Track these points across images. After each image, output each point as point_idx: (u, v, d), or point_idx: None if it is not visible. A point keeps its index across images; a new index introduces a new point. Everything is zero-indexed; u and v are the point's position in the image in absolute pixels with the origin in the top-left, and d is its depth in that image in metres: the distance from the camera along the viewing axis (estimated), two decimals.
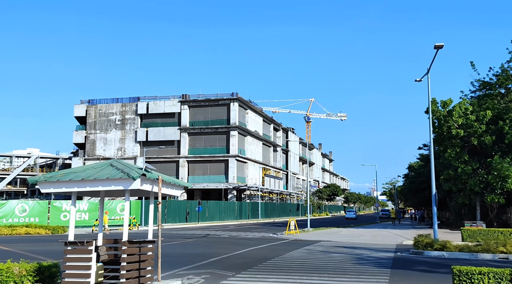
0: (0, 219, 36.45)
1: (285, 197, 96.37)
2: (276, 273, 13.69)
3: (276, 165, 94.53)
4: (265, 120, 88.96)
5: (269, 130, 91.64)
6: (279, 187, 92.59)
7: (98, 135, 77.23)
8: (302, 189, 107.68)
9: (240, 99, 73.59)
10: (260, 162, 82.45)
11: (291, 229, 32.70)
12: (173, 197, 47.74)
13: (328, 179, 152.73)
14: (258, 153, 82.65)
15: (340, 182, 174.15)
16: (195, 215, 51.21)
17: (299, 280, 12.46)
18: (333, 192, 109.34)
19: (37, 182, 9.26)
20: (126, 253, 9.04)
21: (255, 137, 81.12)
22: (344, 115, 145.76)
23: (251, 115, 79.67)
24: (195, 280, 12.28)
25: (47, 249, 20.90)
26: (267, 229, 40.02)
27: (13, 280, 9.36)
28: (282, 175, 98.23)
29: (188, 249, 21.43)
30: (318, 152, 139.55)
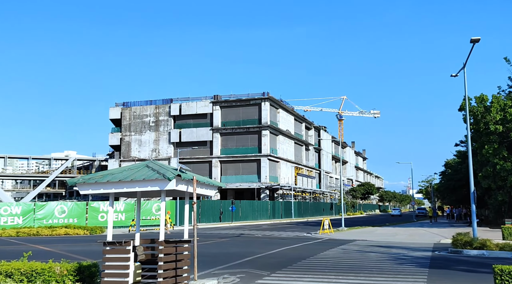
0: (41, 220, 37.51)
1: (318, 196, 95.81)
2: (311, 272, 13.62)
3: (309, 163, 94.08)
4: (297, 119, 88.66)
5: (301, 129, 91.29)
6: (312, 186, 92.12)
7: (133, 137, 78.63)
8: (335, 188, 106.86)
9: (271, 99, 73.58)
10: (292, 161, 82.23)
11: (325, 228, 32.48)
12: (207, 197, 48.09)
13: (362, 177, 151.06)
14: (290, 152, 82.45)
15: (375, 180, 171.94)
16: (228, 215, 51.51)
17: (335, 279, 12.36)
18: (367, 190, 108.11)
19: (76, 184, 9.49)
20: (163, 253, 9.16)
21: (287, 137, 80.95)
22: (377, 112, 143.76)
23: (283, 114, 79.55)
24: (230, 279, 12.35)
25: (86, 249, 21.39)
26: (300, 228, 39.87)
27: (55, 279, 9.64)
28: (315, 173, 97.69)
29: (223, 249, 21.56)
30: (351, 150, 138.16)
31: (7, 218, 36.63)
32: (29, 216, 37.31)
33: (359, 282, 11.97)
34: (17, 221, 36.68)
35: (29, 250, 16.55)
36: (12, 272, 9.63)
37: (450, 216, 67.40)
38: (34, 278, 9.58)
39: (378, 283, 11.93)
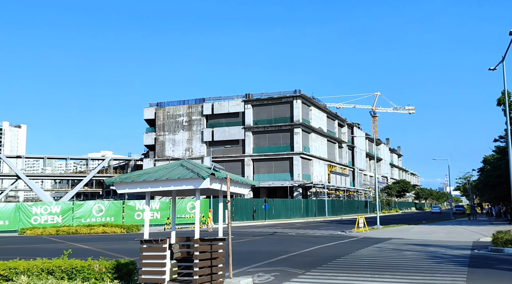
0: (79, 219, 38.51)
1: (352, 194, 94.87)
2: (346, 271, 13.50)
3: (342, 161, 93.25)
4: (329, 116, 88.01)
5: (334, 127, 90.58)
6: (346, 184, 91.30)
7: (167, 137, 79.74)
8: (369, 186, 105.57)
9: (303, 96, 73.28)
10: (325, 158, 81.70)
11: (360, 227, 32.12)
12: (240, 195, 48.32)
13: (397, 174, 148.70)
14: (323, 149, 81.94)
15: (410, 177, 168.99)
16: (261, 213, 51.61)
17: (370, 278, 12.22)
18: (403, 188, 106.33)
19: (114, 183, 9.69)
20: (198, 251, 9.26)
21: (320, 134, 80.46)
22: (412, 108, 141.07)
23: (315, 112, 79.11)
24: (265, 278, 12.37)
25: (123, 247, 21.82)
26: (334, 227, 39.58)
27: (94, 276, 9.88)
28: (349, 171, 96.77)
29: (257, 247, 21.62)
30: (386, 147, 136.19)
31: (47, 216, 37.77)
32: (68, 215, 38.37)
33: (395, 281, 11.80)
34: (56, 220, 37.77)
35: (68, 248, 17.02)
36: (53, 270, 9.93)
37: (489, 213, 65.61)
38: (74, 275, 9.86)
39: (415, 282, 11.73)
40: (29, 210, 37.55)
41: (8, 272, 9.80)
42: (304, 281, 11.87)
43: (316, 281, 11.95)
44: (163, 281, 9.20)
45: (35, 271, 9.86)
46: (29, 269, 9.88)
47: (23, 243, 26.00)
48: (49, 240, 28.32)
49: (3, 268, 9.84)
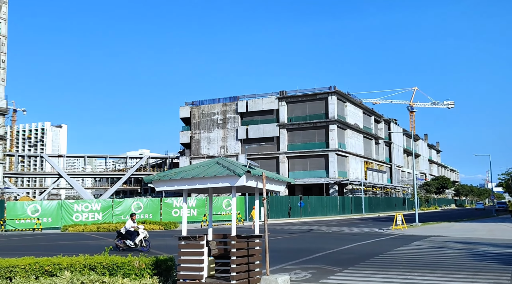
0: (118, 216, 39.29)
1: (390, 191, 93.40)
2: (385, 269, 13.32)
3: (379, 158, 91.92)
4: (365, 112, 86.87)
5: (370, 123, 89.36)
6: (383, 180, 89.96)
7: (202, 135, 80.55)
8: (407, 183, 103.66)
9: (338, 92, 72.59)
10: (361, 155, 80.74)
11: (398, 224, 31.58)
12: (276, 192, 48.32)
13: (436, 171, 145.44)
14: (359, 146, 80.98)
15: (450, 173, 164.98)
16: (297, 210, 51.46)
17: (410, 276, 12.01)
18: (442, 184, 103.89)
19: (152, 181, 9.87)
20: (235, 248, 9.32)
21: (355, 131, 79.55)
22: (451, 103, 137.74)
23: (350, 108, 78.26)
24: (302, 275, 12.35)
25: (161, 244, 22.18)
26: (372, 224, 39.09)
27: (134, 272, 10.09)
28: (386, 168, 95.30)
29: (293, 244, 21.58)
30: (424, 143, 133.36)
31: (88, 214, 38.74)
32: (108, 212, 39.22)
33: (435, 280, 11.56)
34: (97, 217, 38.67)
35: (109, 244, 17.43)
36: (95, 266, 10.20)
37: None
38: (115, 271, 10.09)
39: (456, 280, 11.46)
40: (70, 208, 38.60)
41: (52, 267, 10.13)
42: (342, 279, 11.79)
43: (354, 278, 11.85)
44: (201, 277, 9.30)
45: (78, 267, 10.15)
46: (72, 265, 10.18)
47: (65, 240, 26.78)
48: (90, 236, 29.05)
49: (47, 264, 10.18)
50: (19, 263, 10.21)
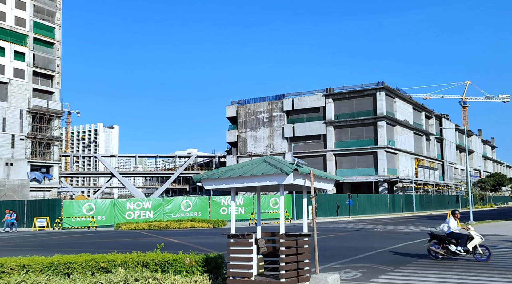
0: (169, 214, 40.18)
1: (442, 189, 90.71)
2: (438, 268, 12.96)
3: (430, 154, 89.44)
4: (415, 108, 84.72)
5: (420, 119, 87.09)
6: (435, 178, 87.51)
7: (248, 134, 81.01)
8: (460, 180, 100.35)
9: (386, 88, 71.16)
10: (411, 152, 78.82)
11: None
12: (323, 190, 47.97)
13: (491, 167, 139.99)
14: (409, 142, 79.09)
15: (506, 170, 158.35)
16: (345, 209, 50.87)
17: (465, 276, 11.63)
18: (498, 181, 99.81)
19: (201, 180, 10.01)
20: (284, 246, 9.32)
21: (405, 127, 77.75)
22: (506, 96, 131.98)
23: (399, 103, 76.54)
24: (352, 274, 12.21)
25: (210, 241, 22.48)
26: (423, 223, 38.06)
27: (185, 269, 10.29)
28: (437, 165, 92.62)
29: (342, 243, 21.37)
30: (478, 139, 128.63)
31: (140, 212, 39.81)
32: (158, 210, 40.17)
33: (492, 280, 11.14)
34: (148, 215, 39.68)
35: (160, 242, 17.83)
36: (147, 262, 10.48)
37: None
38: (167, 268, 10.33)
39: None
40: (123, 206, 39.79)
41: (107, 264, 10.50)
42: (393, 278, 11.57)
43: (406, 278, 11.60)
44: (250, 275, 9.37)
45: (131, 264, 10.46)
46: (125, 261, 10.50)
47: (119, 237, 27.64)
48: (142, 234, 29.82)
49: (102, 261, 10.55)
50: (76, 259, 10.64)
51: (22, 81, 71.34)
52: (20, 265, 10.65)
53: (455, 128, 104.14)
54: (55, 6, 77.59)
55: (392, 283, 11.01)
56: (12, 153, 69.38)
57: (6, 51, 69.75)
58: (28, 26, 72.81)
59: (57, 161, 76.17)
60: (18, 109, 70.40)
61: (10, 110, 69.36)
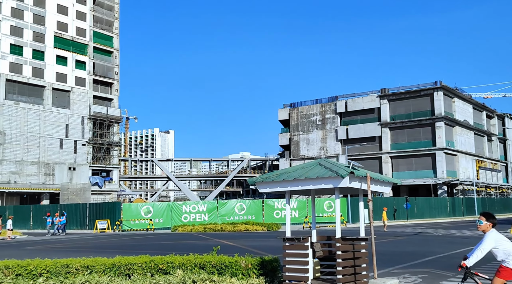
0: (223, 217, 40.62)
1: (506, 191, 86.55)
2: None
3: (492, 156, 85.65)
4: (475, 107, 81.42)
5: (481, 119, 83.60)
6: (498, 180, 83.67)
7: (301, 136, 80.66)
8: None
9: (444, 88, 68.86)
10: (472, 153, 75.79)
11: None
12: (380, 194, 46.96)
13: None
14: (470, 143, 76.08)
15: None
16: (403, 212, 49.54)
17: None
18: None
19: (255, 183, 10.06)
20: (340, 250, 9.20)
21: (465, 127, 74.88)
22: None
23: (458, 103, 73.82)
24: (412, 279, 11.88)
25: (264, 244, 22.51)
26: None
27: (241, 272, 10.35)
28: (501, 166, 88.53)
29: (400, 247, 20.84)
30: None
31: (195, 215, 40.52)
32: (213, 213, 40.71)
33: None
34: (203, 218, 40.32)
35: (216, 244, 18.05)
36: (204, 264, 10.63)
37: None
38: (223, 270, 10.43)
39: None
40: (179, 209, 40.65)
41: (166, 266, 10.74)
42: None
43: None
44: (306, 279, 9.31)
45: (188, 266, 10.65)
46: (183, 263, 10.70)
47: (176, 239, 28.24)
48: (198, 236, 30.34)
49: (161, 262, 10.80)
50: (136, 261, 10.96)
51: (83, 89, 74.44)
52: (84, 266, 11.08)
53: None
54: (113, 16, 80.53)
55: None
56: (75, 158, 72.52)
57: (68, 61, 73.04)
58: (88, 36, 75.94)
59: (116, 165, 78.86)
60: (80, 116, 73.48)
61: (72, 117, 72.55)
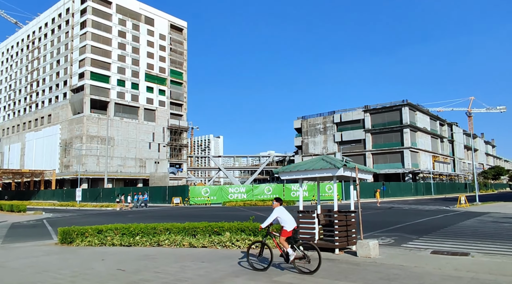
0: (256, 196, 40.54)
1: (454, 178, 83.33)
2: (452, 238, 11.94)
3: (444, 152, 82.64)
4: (432, 118, 78.79)
5: (436, 126, 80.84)
6: (448, 170, 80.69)
7: (309, 139, 79.86)
8: (468, 171, 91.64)
9: (409, 104, 67.03)
10: (429, 151, 73.36)
11: (462, 203, 28.07)
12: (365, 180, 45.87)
13: (492, 162, 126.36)
14: (428, 144, 73.67)
15: (504, 163, 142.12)
16: (380, 193, 48.27)
17: (474, 244, 10.61)
18: (498, 172, 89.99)
19: (278, 172, 10.07)
20: (337, 219, 9.10)
21: (424, 132, 72.57)
22: (503, 108, 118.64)
23: (419, 115, 71.65)
24: (387, 240, 11.61)
25: None
26: (439, 203, 35.16)
27: None
28: (450, 160, 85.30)
29: (378, 218, 20.37)
30: (481, 140, 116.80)
31: (238, 194, 40.62)
32: (249, 193, 40.72)
33: (495, 247, 10.06)
34: (242, 196, 40.36)
35: (251, 215, 18.03)
36: (244, 229, 10.67)
37: None
38: (257, 233, 10.46)
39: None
40: (227, 190, 40.85)
41: (218, 229, 10.84)
42: (418, 244, 10.85)
43: (428, 244, 10.81)
44: (314, 239, 9.24)
45: (234, 229, 10.72)
46: (230, 228, 10.78)
47: (224, 211, 28.41)
48: (239, 209, 30.43)
49: (216, 227, 10.91)
50: (199, 225, 11.09)
51: (164, 108, 75.99)
52: (165, 228, 11.27)
53: (462, 133, 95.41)
54: (183, 58, 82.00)
55: (417, 247, 10.31)
56: (158, 155, 74.04)
57: (154, 90, 74.83)
58: (167, 72, 77.57)
59: (185, 160, 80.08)
60: (161, 127, 75.01)
61: (156, 127, 74.14)
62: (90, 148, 64.48)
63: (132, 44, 72.50)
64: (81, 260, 8.91)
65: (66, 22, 72.82)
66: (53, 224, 20.02)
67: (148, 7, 76.54)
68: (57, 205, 41.63)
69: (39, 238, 13.86)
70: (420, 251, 9.41)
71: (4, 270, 8.04)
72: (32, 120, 78.80)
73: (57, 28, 75.12)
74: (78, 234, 11.51)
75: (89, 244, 11.21)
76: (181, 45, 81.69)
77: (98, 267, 8.05)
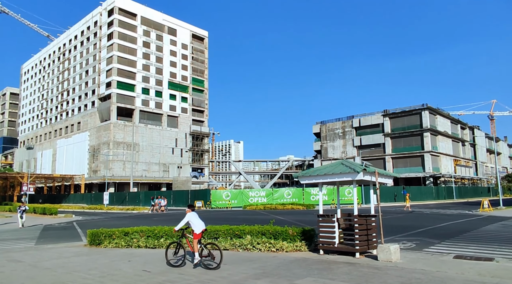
0: (276, 199, 40.29)
1: (476, 182, 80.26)
2: (475, 242, 11.49)
3: (465, 156, 79.79)
4: (453, 122, 76.37)
5: (457, 130, 78.25)
6: (470, 173, 77.82)
7: (329, 144, 79.00)
8: (491, 175, 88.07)
9: (429, 108, 65.29)
10: (450, 154, 71.03)
11: (485, 207, 26.97)
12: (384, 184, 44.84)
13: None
14: (449, 148, 71.40)
15: None
16: (401, 197, 47.13)
17: (498, 249, 10.17)
18: None
19: (298, 177, 10.03)
20: (357, 223, 8.96)
21: (445, 136, 70.41)
22: None
23: (440, 119, 69.63)
24: (408, 244, 11.30)
25: (304, 219, 22.12)
26: (462, 207, 33.87)
27: (289, 237, 10.27)
28: (472, 164, 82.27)
29: (400, 222, 19.84)
30: (504, 143, 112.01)
31: (258, 198, 40.52)
32: (269, 197, 40.53)
33: None
34: (262, 200, 40.22)
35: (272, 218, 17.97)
36: (264, 232, 10.65)
37: None
38: (277, 236, 10.41)
39: None
40: (247, 194, 40.82)
41: (239, 232, 10.86)
42: (441, 249, 10.49)
43: (451, 249, 10.44)
44: (334, 243, 9.12)
45: (254, 232, 10.72)
46: (251, 231, 10.78)
47: (245, 215, 28.39)
48: (259, 213, 30.34)
49: (237, 230, 10.94)
50: (220, 228, 11.16)
51: (186, 115, 77.21)
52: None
53: (485, 136, 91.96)
54: (204, 67, 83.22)
55: (440, 252, 9.99)
56: (181, 160, 75.12)
57: (177, 97, 76.25)
58: (188, 80, 78.90)
59: (206, 165, 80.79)
60: (184, 132, 76.14)
61: (179, 133, 75.33)
62: (116, 154, 66.16)
63: (156, 54, 74.22)
64: (109, 261, 9.14)
65: (94, 34, 75.43)
66: (82, 226, 20.62)
67: (171, 18, 78.28)
68: (86, 208, 42.87)
69: (69, 240, 14.31)
70: (442, 256, 9.12)
71: (37, 270, 8.36)
72: (63, 128, 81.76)
73: (86, 40, 77.91)
74: (106, 236, 11.81)
75: (116, 245, 11.47)
76: (202, 53, 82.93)
77: (125, 268, 8.24)
